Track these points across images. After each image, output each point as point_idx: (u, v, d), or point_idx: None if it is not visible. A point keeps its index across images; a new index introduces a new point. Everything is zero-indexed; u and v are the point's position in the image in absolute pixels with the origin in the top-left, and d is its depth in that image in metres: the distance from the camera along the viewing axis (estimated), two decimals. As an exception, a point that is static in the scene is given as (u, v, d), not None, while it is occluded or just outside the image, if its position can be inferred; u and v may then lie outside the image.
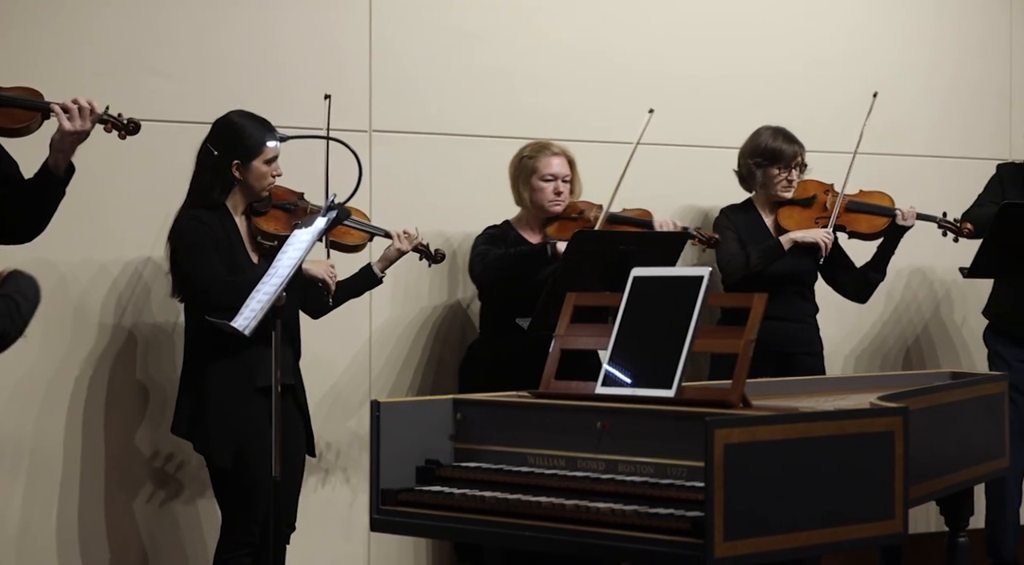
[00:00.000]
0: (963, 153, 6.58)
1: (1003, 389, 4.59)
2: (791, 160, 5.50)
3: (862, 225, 5.59)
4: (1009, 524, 5.89)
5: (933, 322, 6.54)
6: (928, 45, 6.57)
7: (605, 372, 3.67)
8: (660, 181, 5.82)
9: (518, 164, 5.27)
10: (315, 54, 5.34)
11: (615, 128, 5.79)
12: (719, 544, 3.11)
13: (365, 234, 4.85)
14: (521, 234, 5.28)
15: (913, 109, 6.47)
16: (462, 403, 3.83)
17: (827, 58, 6.32)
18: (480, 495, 3.56)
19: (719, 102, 6.05)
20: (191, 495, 5.06)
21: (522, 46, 5.73)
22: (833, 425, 3.36)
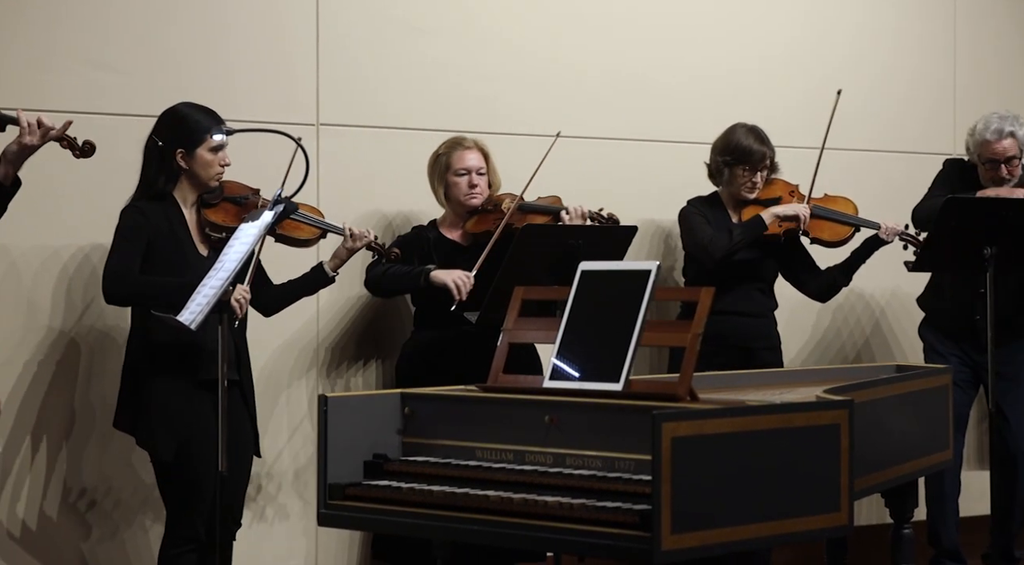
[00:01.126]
0: (909, 148, 6.63)
1: (947, 382, 4.64)
2: (759, 162, 5.51)
3: (825, 233, 5.61)
4: (950, 514, 5.95)
5: (880, 316, 6.59)
6: (876, 43, 6.61)
7: (553, 366, 3.67)
8: (609, 176, 5.85)
9: (433, 162, 5.27)
10: (262, 48, 5.31)
11: (562, 123, 5.79)
12: (666, 537, 3.12)
13: (316, 230, 4.82)
14: (443, 233, 5.26)
15: (861, 105, 6.50)
16: (410, 397, 3.83)
17: (778, 55, 6.35)
18: (428, 489, 3.56)
19: (669, 98, 6.07)
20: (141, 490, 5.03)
21: (469, 40, 5.72)
22: (779, 418, 3.38)
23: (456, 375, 4.34)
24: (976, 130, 5.76)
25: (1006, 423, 5.81)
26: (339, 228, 4.83)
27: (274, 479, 5.31)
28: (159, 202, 4.49)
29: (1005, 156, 5.73)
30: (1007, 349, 5.79)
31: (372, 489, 3.65)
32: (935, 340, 5.95)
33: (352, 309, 5.47)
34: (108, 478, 5.00)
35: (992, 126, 5.71)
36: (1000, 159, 5.73)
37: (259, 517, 5.27)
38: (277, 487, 5.32)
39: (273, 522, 5.30)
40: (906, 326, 6.43)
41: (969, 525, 6.19)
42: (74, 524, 4.96)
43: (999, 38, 6.92)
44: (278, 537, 5.31)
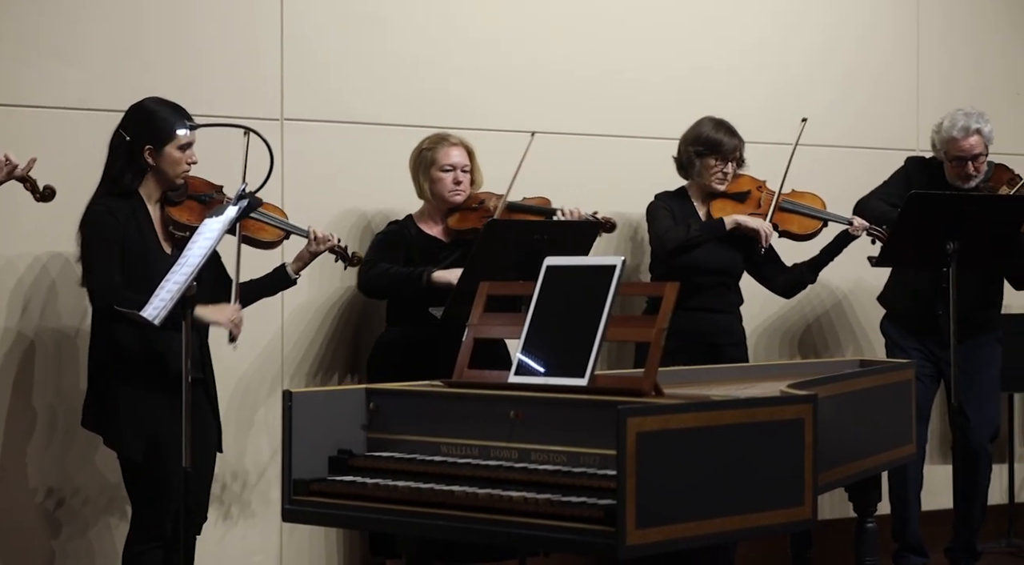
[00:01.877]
0: (874, 144, 6.66)
1: (910, 377, 4.66)
2: (730, 153, 5.52)
3: (794, 225, 5.63)
4: (913, 508, 5.98)
5: (844, 311, 6.62)
6: (842, 41, 6.64)
7: (518, 361, 3.67)
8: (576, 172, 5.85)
9: (417, 157, 5.27)
10: (226, 42, 5.29)
11: (526, 118, 5.80)
12: (631, 532, 3.12)
13: (280, 231, 4.80)
14: (422, 228, 5.26)
15: (827, 102, 6.53)
16: (375, 393, 3.82)
17: (746, 53, 6.37)
18: (393, 485, 3.55)
19: (637, 95, 6.08)
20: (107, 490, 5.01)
21: (434, 35, 5.71)
22: (744, 413, 3.38)
23: (430, 371, 4.33)
24: (943, 127, 5.78)
25: (966, 418, 5.84)
26: (303, 231, 4.80)
27: (239, 476, 5.30)
28: (125, 199, 4.46)
29: (972, 153, 5.75)
30: (968, 345, 5.82)
31: (337, 485, 3.64)
32: (897, 335, 5.98)
33: (317, 306, 5.45)
34: (73, 478, 4.98)
35: (959, 124, 5.73)
36: (967, 156, 5.75)
37: (225, 514, 5.26)
38: (242, 484, 5.31)
39: (238, 519, 5.29)
40: (872, 321, 6.45)
41: (932, 519, 6.23)
42: (40, 524, 4.93)
43: (961, 35, 6.96)
44: (243, 534, 5.30)
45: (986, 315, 5.97)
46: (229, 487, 5.27)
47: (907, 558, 6.02)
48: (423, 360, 4.96)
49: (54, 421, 4.94)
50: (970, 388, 5.83)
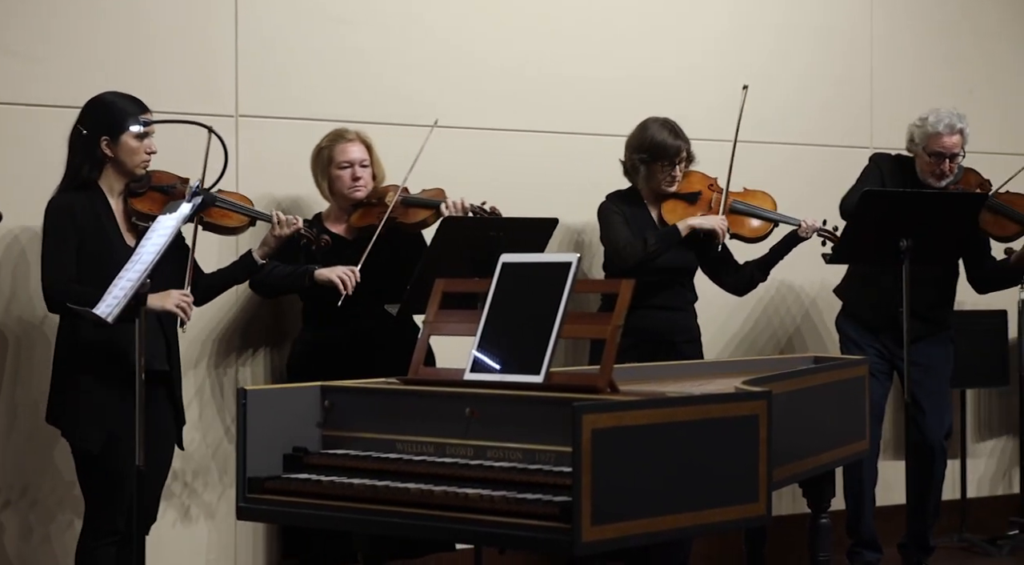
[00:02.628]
0: (827, 141, 6.69)
1: (864, 373, 4.68)
2: (675, 156, 5.50)
3: (744, 229, 5.64)
4: (867, 504, 6.02)
5: (798, 307, 6.65)
6: (796, 40, 6.67)
7: (474, 358, 3.66)
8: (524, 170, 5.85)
9: (316, 157, 5.22)
10: (182, 37, 5.27)
11: (483, 115, 5.81)
12: (587, 529, 3.13)
13: (244, 217, 4.79)
14: (328, 227, 5.21)
15: (780, 99, 6.57)
16: (330, 390, 3.81)
17: (701, 51, 6.38)
18: (348, 482, 3.54)
19: (590, 92, 6.09)
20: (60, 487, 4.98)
21: (391, 31, 5.70)
22: (698, 409, 3.39)
23: (347, 372, 4.32)
24: (928, 122, 5.81)
25: (922, 414, 5.88)
26: (267, 215, 4.81)
27: (195, 472, 5.27)
28: (85, 192, 4.45)
29: (951, 151, 5.80)
30: (924, 341, 5.87)
31: (292, 482, 3.62)
32: (854, 332, 6.01)
33: (239, 302, 5.40)
34: (29, 474, 4.94)
35: (945, 120, 5.77)
36: (946, 153, 5.79)
37: (180, 511, 5.23)
38: (196, 481, 5.28)
39: (193, 517, 5.26)
40: (830, 317, 6.48)
41: (886, 514, 6.27)
42: None
43: (914, 34, 7.00)
44: (198, 530, 5.27)
45: (941, 313, 6.02)
46: (185, 484, 5.24)
47: (861, 553, 6.06)
48: (340, 360, 4.93)
49: (14, 417, 4.91)
50: (925, 385, 5.88)
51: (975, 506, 7.00)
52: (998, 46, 7.22)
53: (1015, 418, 7.11)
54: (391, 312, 5.04)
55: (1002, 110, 7.09)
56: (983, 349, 6.79)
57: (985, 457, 7.12)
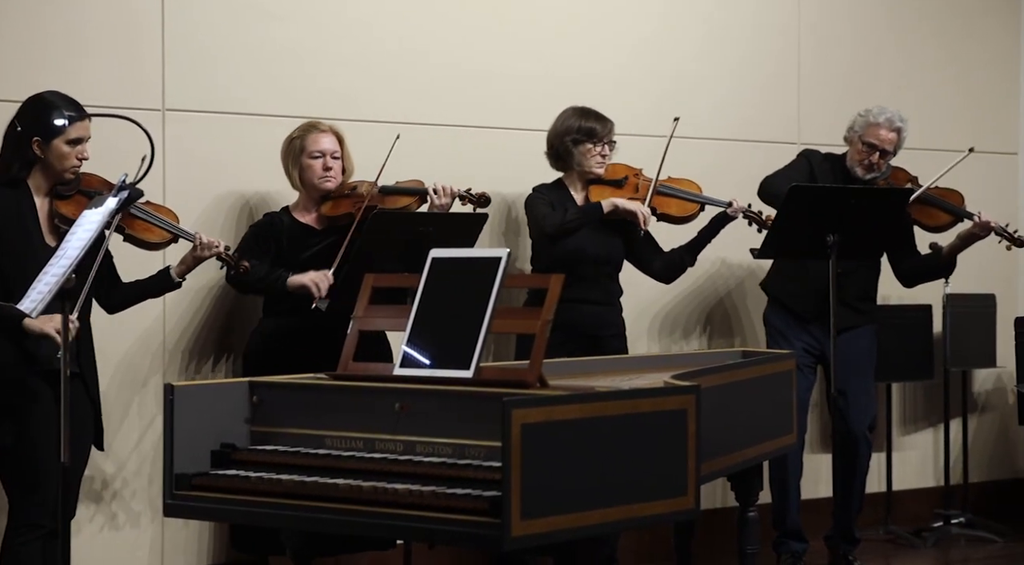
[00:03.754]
0: (757, 138, 6.74)
1: (791, 367, 4.72)
2: (605, 136, 5.56)
3: (672, 208, 5.67)
4: (793, 497, 6.07)
5: (728, 301, 6.69)
6: (724, 35, 6.70)
7: (403, 353, 3.66)
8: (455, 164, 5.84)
9: (287, 146, 5.23)
10: (106, 29, 5.21)
11: (411, 110, 5.80)
12: (516, 523, 3.13)
13: (167, 233, 4.74)
14: (296, 217, 5.22)
15: (709, 95, 6.60)
16: (258, 386, 3.79)
17: (633, 47, 6.40)
18: (277, 478, 3.53)
19: (521, 88, 6.08)
20: None
21: (320, 26, 5.67)
22: (628, 404, 3.41)
23: (305, 363, 4.31)
24: (870, 113, 5.93)
25: (846, 405, 5.94)
26: (190, 235, 4.75)
27: (121, 471, 5.23)
28: (12, 189, 4.42)
29: (883, 146, 5.89)
30: (850, 332, 5.94)
31: (219, 479, 3.60)
32: (781, 324, 6.06)
33: (199, 298, 5.39)
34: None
35: (886, 114, 5.91)
36: (879, 146, 5.89)
37: (107, 509, 5.18)
38: (124, 479, 5.24)
39: (120, 514, 5.21)
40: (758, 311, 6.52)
41: (812, 507, 6.33)
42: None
43: (842, 31, 7.06)
44: (125, 529, 5.23)
45: (867, 306, 6.09)
46: (112, 483, 5.20)
47: (787, 545, 6.10)
48: (299, 350, 4.93)
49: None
50: (850, 377, 5.94)
51: (900, 498, 7.07)
52: (922, 43, 7.30)
53: (939, 411, 7.20)
54: (320, 308, 5.02)
55: (927, 106, 7.17)
56: (908, 343, 6.87)
57: (910, 450, 7.20)
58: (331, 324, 4.91)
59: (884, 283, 6.21)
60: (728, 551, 5.30)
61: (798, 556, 6.09)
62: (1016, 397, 7.12)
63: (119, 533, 5.22)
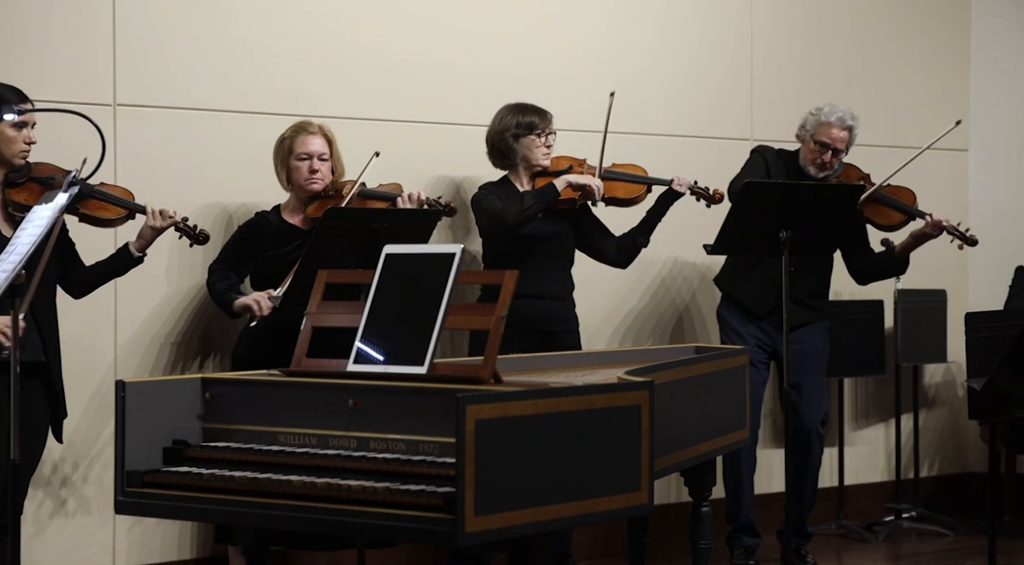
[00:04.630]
0: (711, 134, 6.76)
1: (744, 362, 4.74)
2: (546, 127, 5.57)
3: (619, 191, 5.69)
4: (746, 492, 6.10)
5: (681, 298, 6.71)
6: (678, 33, 6.73)
7: (357, 349, 3.65)
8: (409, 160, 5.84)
9: (278, 147, 5.24)
10: (58, 23, 5.17)
11: (364, 106, 5.79)
12: (470, 519, 3.13)
13: (122, 210, 4.75)
14: (284, 218, 5.23)
15: (663, 93, 6.62)
16: (211, 382, 3.77)
17: (586, 45, 6.41)
18: (230, 475, 3.51)
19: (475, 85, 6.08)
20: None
21: (273, 20, 5.65)
22: (582, 400, 3.41)
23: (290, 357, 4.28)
24: (822, 111, 5.96)
25: (799, 402, 5.97)
26: (141, 207, 4.76)
27: (76, 468, 5.19)
28: None
29: (835, 145, 5.93)
30: (803, 329, 5.98)
31: (172, 476, 3.58)
32: (734, 320, 6.08)
33: (154, 295, 5.36)
34: None
35: (838, 113, 5.95)
36: (831, 145, 5.92)
37: (58, 505, 5.15)
38: (78, 476, 5.20)
39: (72, 511, 5.18)
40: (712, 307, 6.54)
41: (764, 502, 6.36)
42: None
43: (793, 28, 7.10)
44: (76, 525, 5.20)
45: (819, 302, 6.12)
46: (64, 479, 5.16)
47: (740, 540, 6.13)
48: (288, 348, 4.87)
49: None
50: (803, 373, 5.97)
51: (852, 493, 7.12)
52: (877, 41, 7.34)
53: (891, 406, 7.25)
54: (274, 305, 5.00)
55: (880, 103, 7.22)
56: (860, 339, 6.91)
57: (862, 445, 7.25)
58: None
59: (836, 279, 6.25)
60: (681, 546, 5.32)
61: (751, 551, 6.12)
62: (966, 392, 7.18)
63: (71, 530, 5.19)
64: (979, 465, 7.52)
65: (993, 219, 7.45)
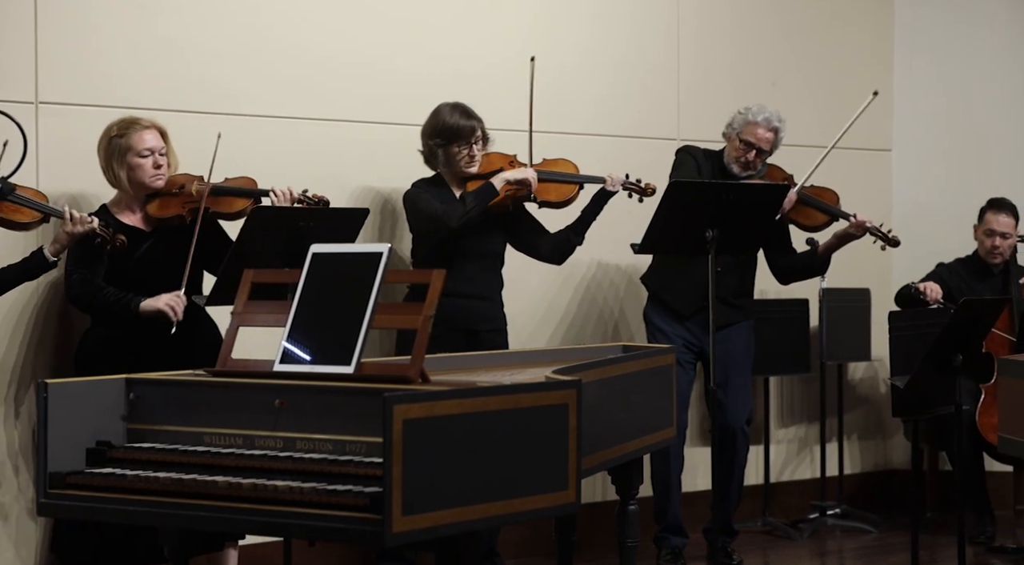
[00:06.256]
0: (637, 133, 6.78)
1: (671, 361, 4.76)
2: (470, 136, 5.54)
3: (551, 194, 5.69)
4: (674, 490, 6.12)
5: (606, 298, 6.73)
6: (605, 30, 6.74)
7: (284, 349, 3.63)
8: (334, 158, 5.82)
9: (108, 145, 5.03)
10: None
11: (291, 104, 5.75)
12: (397, 519, 3.12)
13: (37, 213, 4.67)
14: (120, 220, 5.06)
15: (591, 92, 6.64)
16: (135, 383, 3.73)
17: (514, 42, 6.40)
18: (154, 476, 3.48)
19: (402, 83, 6.06)
20: None
21: (198, 18, 5.61)
22: (509, 399, 3.41)
23: (139, 367, 4.22)
24: (750, 110, 6.00)
25: (725, 402, 6.01)
26: (60, 212, 4.68)
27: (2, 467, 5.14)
28: None
29: (760, 145, 5.97)
30: (729, 328, 6.01)
31: (95, 477, 3.54)
32: (661, 321, 6.10)
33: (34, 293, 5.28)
34: None
35: (765, 114, 5.98)
36: (755, 145, 5.96)
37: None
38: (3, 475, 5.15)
39: (-8, 514, 5.13)
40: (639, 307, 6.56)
41: (690, 500, 6.39)
42: None
43: (720, 29, 7.14)
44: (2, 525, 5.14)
45: (744, 302, 6.16)
46: (-17, 481, 5.11)
47: (668, 540, 6.16)
48: (131, 356, 4.83)
49: None
50: (729, 373, 6.01)
51: (777, 490, 7.18)
52: (803, 41, 7.40)
53: (816, 405, 7.31)
54: (199, 304, 4.96)
55: (806, 103, 7.27)
56: (785, 337, 6.97)
57: (787, 443, 7.31)
58: (162, 328, 4.84)
59: (762, 278, 6.29)
60: (608, 544, 5.33)
61: (678, 551, 6.14)
62: (889, 390, 7.26)
63: (-9, 534, 5.13)
64: (902, 462, 7.61)
65: (916, 218, 7.54)
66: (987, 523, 6.77)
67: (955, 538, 5.13)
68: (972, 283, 6.87)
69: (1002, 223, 6.85)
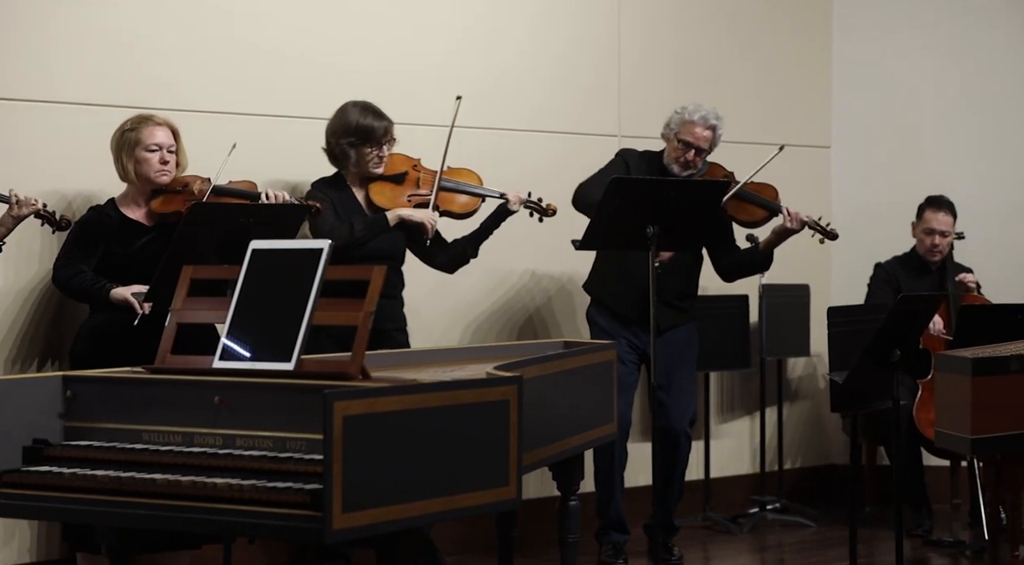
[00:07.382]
0: (578, 130, 6.80)
1: (612, 357, 4.77)
2: (382, 137, 5.51)
3: (454, 206, 5.67)
4: (616, 486, 6.14)
5: (552, 292, 6.74)
6: (546, 28, 6.75)
7: (223, 346, 3.61)
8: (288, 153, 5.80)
9: (120, 138, 5.10)
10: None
11: (238, 100, 5.73)
12: (337, 516, 3.11)
13: None
14: (124, 213, 5.11)
15: (532, 90, 6.64)
16: (72, 380, 3.70)
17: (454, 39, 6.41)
18: (92, 474, 3.45)
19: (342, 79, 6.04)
20: None
21: (142, 13, 5.57)
22: (450, 395, 3.41)
23: (133, 358, 4.22)
24: (686, 110, 6.01)
25: (668, 402, 6.02)
26: (4, 195, 4.69)
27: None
28: None
29: (698, 143, 5.98)
30: (671, 333, 6.03)
31: (31, 475, 3.51)
32: (605, 322, 6.11)
33: (17, 290, 5.25)
34: None
35: (701, 113, 5.98)
36: (694, 144, 5.98)
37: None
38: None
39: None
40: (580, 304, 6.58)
41: (631, 495, 6.41)
42: None
43: (661, 27, 7.16)
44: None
45: (687, 303, 6.18)
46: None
47: (609, 536, 6.17)
48: (128, 346, 4.83)
49: None
50: (672, 375, 6.02)
51: (718, 486, 7.21)
52: (738, 40, 7.44)
53: (756, 400, 7.36)
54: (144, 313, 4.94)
55: (745, 101, 7.31)
56: (726, 333, 7.00)
57: (727, 438, 7.35)
58: (157, 319, 4.82)
59: (703, 274, 6.31)
60: (549, 540, 5.34)
61: (619, 547, 6.16)
62: (828, 385, 7.31)
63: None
64: (841, 457, 7.67)
65: (855, 214, 7.59)
66: (925, 517, 6.84)
67: (893, 532, 5.18)
68: (910, 280, 6.93)
69: (941, 221, 6.92)
